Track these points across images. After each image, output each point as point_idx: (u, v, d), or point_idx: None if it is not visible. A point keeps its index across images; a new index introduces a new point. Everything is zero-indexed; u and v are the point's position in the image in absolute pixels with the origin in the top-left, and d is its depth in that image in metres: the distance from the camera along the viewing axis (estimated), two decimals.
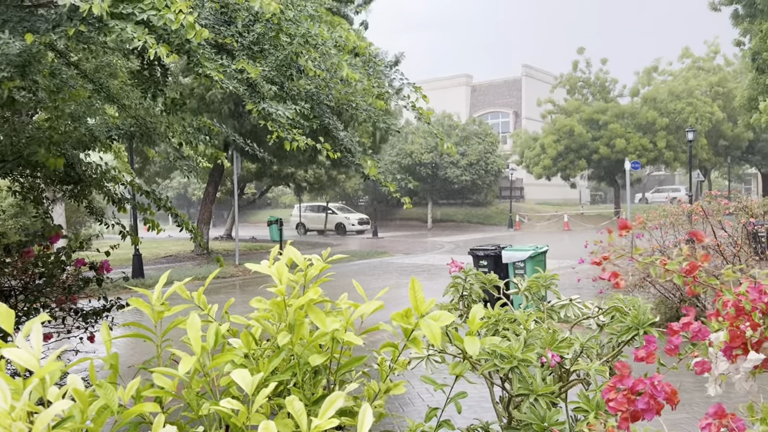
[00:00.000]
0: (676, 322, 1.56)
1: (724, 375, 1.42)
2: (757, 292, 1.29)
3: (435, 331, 1.54)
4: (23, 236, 3.77)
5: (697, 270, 1.38)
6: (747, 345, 1.29)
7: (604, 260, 1.56)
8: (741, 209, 8.08)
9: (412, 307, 1.60)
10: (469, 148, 36.78)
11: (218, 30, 3.28)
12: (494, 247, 10.26)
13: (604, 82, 37.66)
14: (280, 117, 3.33)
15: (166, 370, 1.54)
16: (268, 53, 3.43)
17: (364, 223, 35.12)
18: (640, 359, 1.49)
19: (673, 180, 63.75)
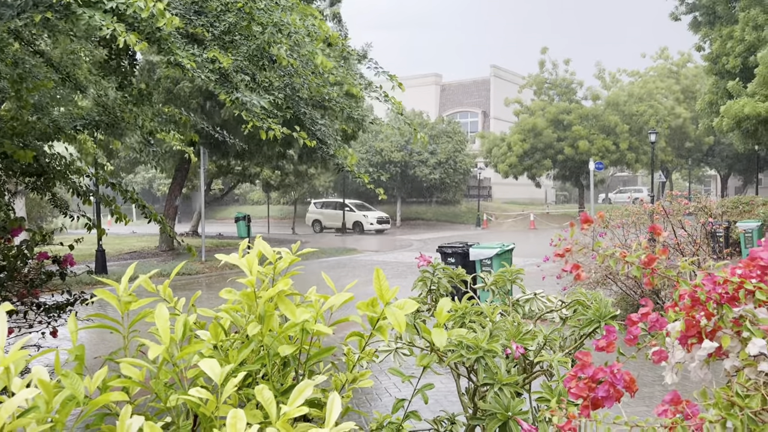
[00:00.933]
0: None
1: (680, 363, 1.48)
2: (711, 283, 1.34)
3: (400, 319, 1.56)
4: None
5: (655, 262, 1.43)
6: (702, 334, 1.35)
7: (567, 252, 1.61)
8: (700, 209, 8.33)
9: (377, 296, 1.62)
10: (438, 147, 37.00)
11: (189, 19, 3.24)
12: (462, 244, 10.36)
13: (570, 83, 38.27)
14: (254, 107, 3.31)
15: (134, 361, 1.53)
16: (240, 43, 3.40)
17: (383, 221, 33.06)
18: (600, 349, 1.54)
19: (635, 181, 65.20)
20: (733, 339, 1.36)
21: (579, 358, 1.50)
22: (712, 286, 1.35)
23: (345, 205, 33.88)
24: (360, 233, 32.46)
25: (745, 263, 1.35)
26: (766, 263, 1.30)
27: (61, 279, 3.87)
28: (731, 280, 1.31)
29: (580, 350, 2.20)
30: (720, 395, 1.23)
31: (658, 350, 1.46)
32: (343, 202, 34.10)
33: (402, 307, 1.69)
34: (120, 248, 21.53)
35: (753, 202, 17.24)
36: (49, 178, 3.72)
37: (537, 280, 10.77)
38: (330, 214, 34.40)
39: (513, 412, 2.01)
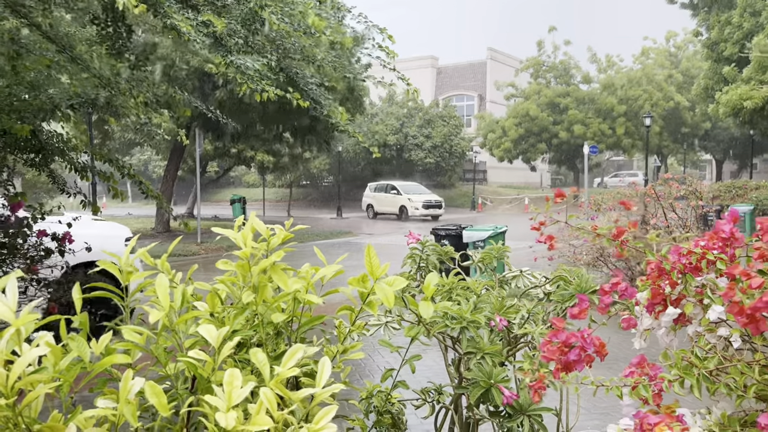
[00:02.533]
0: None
1: (648, 330, 1.58)
2: (676, 254, 1.44)
3: (389, 294, 1.65)
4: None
5: (624, 234, 1.53)
6: (667, 302, 1.44)
7: (542, 225, 1.70)
8: (691, 193, 8.45)
9: (367, 272, 1.71)
10: (434, 131, 36.98)
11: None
12: (455, 227, 10.47)
13: (568, 66, 38.27)
14: (248, 69, 3.37)
15: (135, 327, 1.62)
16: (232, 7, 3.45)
17: (432, 206, 29.40)
18: (573, 316, 1.64)
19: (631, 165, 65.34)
20: (696, 306, 1.46)
21: (554, 323, 1.60)
22: (677, 257, 1.44)
23: (393, 188, 30.68)
24: (405, 219, 29.25)
25: (709, 236, 1.44)
26: (727, 235, 1.39)
27: (60, 256, 3.96)
28: (694, 251, 1.41)
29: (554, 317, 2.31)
30: (680, 357, 1.33)
31: (627, 317, 1.56)
32: (392, 184, 30.97)
33: (391, 284, 1.78)
34: None
35: (746, 186, 17.40)
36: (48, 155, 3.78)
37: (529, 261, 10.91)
38: (381, 198, 31.21)
39: (495, 380, 2.12)
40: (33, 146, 3.70)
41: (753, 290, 1.17)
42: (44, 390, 1.37)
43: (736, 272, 1.23)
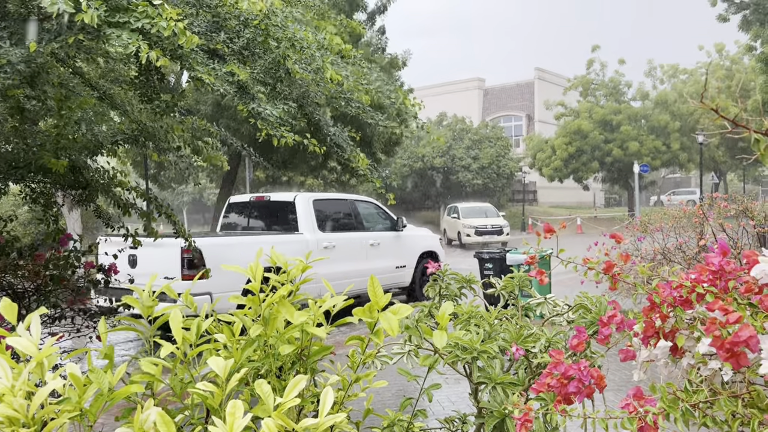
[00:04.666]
0: None
1: (647, 362, 1.58)
2: (667, 287, 1.45)
3: (393, 324, 1.71)
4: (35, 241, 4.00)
5: (612, 269, 1.54)
6: (660, 334, 1.45)
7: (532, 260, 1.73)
8: (742, 212, 8.14)
9: (372, 301, 1.77)
10: (481, 152, 36.85)
11: (210, 36, 3.49)
12: (499, 250, 10.40)
13: (618, 84, 37.60)
14: (268, 116, 3.53)
15: (152, 359, 1.73)
16: (258, 57, 3.62)
17: (487, 232, 26.30)
18: (573, 347, 1.65)
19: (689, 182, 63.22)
20: (690, 339, 1.46)
21: (552, 356, 1.62)
22: (668, 290, 1.45)
23: (455, 210, 27.93)
24: (460, 246, 26.18)
25: (699, 268, 1.45)
26: (717, 268, 1.40)
27: (105, 286, 4.17)
28: (684, 284, 1.41)
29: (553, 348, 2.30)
30: (665, 390, 1.34)
31: (624, 349, 1.57)
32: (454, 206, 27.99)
33: (396, 312, 1.83)
34: None
35: None
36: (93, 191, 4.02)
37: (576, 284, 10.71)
38: (449, 222, 28.67)
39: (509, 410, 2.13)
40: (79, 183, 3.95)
41: (731, 325, 1.17)
42: (64, 419, 1.48)
43: (715, 307, 1.24)
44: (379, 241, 10.54)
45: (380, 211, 11.10)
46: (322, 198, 10.26)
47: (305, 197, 9.73)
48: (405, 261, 10.99)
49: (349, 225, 10.34)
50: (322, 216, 9.81)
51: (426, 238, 11.76)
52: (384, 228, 10.89)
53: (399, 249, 10.96)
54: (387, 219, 11.06)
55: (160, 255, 7.72)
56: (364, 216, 10.70)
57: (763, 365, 1.01)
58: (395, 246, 10.88)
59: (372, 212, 10.95)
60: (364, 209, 10.80)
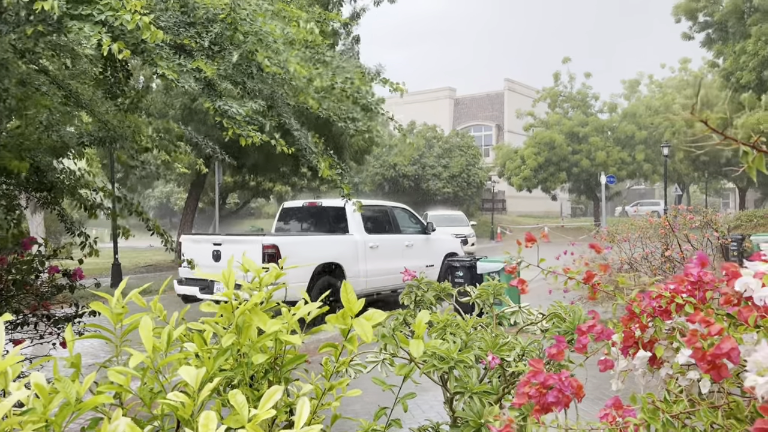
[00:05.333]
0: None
1: (625, 371, 1.59)
2: (646, 297, 1.45)
3: (367, 330, 1.68)
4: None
5: (593, 279, 1.54)
6: (639, 344, 1.45)
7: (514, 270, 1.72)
8: (706, 224, 8.35)
9: (345, 308, 1.74)
10: (452, 161, 37.11)
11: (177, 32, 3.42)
12: (470, 258, 10.46)
13: (585, 96, 38.31)
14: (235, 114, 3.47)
15: (121, 368, 1.66)
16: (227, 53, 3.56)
17: None
18: (552, 356, 1.65)
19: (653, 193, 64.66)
20: (668, 349, 1.46)
21: (532, 365, 1.61)
22: (648, 300, 1.46)
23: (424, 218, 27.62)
24: None
25: (678, 279, 1.46)
26: (695, 279, 1.41)
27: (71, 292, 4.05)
28: (664, 295, 1.42)
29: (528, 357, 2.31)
30: (645, 401, 1.34)
31: (603, 359, 1.57)
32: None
33: (370, 319, 1.80)
34: (137, 262, 21.89)
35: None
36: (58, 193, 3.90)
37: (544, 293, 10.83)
38: None
39: (485, 420, 2.11)
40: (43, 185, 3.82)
41: (713, 337, 1.18)
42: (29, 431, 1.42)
43: (697, 319, 1.24)
44: (413, 243, 11.90)
45: (413, 217, 12.52)
46: (367, 204, 11.07)
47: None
48: (433, 261, 12.30)
49: (388, 228, 11.67)
50: (366, 220, 11.06)
51: (449, 241, 13.36)
52: (416, 231, 12.24)
53: (428, 250, 12.28)
54: (418, 223, 12.46)
55: (242, 250, 8.11)
56: (400, 220, 12.08)
57: (747, 378, 1.02)
58: (425, 247, 12.21)
59: (406, 217, 12.37)
60: (400, 215, 12.21)
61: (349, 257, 10.38)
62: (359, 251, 10.62)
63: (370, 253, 10.80)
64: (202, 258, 9.21)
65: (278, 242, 9.15)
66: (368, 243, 10.80)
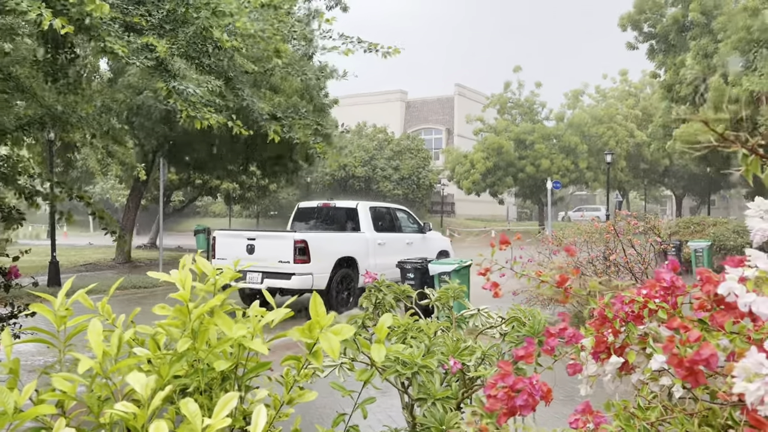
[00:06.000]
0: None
1: (594, 376, 1.57)
2: (619, 302, 1.44)
3: (334, 345, 1.60)
4: None
5: (567, 282, 1.52)
6: (610, 350, 1.44)
7: (486, 272, 1.69)
8: (650, 229, 8.62)
9: (312, 320, 1.66)
10: (402, 163, 37.25)
11: (126, 9, 3.25)
12: (421, 260, 10.47)
13: (533, 104, 39.15)
14: (191, 95, 3.32)
15: (67, 375, 1.54)
16: (180, 30, 3.40)
17: None
18: (519, 358, 1.62)
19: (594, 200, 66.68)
20: (639, 355, 1.45)
21: (501, 366, 1.57)
22: (620, 305, 1.44)
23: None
24: None
25: (650, 284, 1.45)
26: (668, 284, 1.40)
27: (5, 291, 3.80)
28: (636, 300, 1.41)
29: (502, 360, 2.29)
30: (621, 407, 1.32)
31: (572, 363, 1.54)
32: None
33: (338, 333, 1.72)
34: (75, 260, 21.02)
35: (704, 222, 17.85)
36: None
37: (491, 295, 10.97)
38: None
39: (447, 426, 2.07)
40: None
41: (691, 343, 1.17)
42: None
43: (675, 324, 1.23)
44: (412, 241, 13.31)
45: (411, 218, 13.95)
46: (375, 206, 13.14)
47: (364, 205, 12.60)
48: (428, 256, 13.26)
49: (392, 227, 13.10)
50: (375, 219, 12.46)
51: (441, 240, 15.00)
52: (414, 231, 13.68)
53: (425, 247, 13.52)
54: (416, 223, 13.90)
55: (275, 244, 10.48)
56: (402, 221, 13.56)
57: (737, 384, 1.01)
58: (422, 245, 13.52)
59: (406, 218, 13.80)
60: (402, 216, 13.69)
61: (362, 252, 11.64)
62: (369, 247, 11.92)
63: (379, 249, 12.08)
64: (237, 251, 10.60)
65: (307, 238, 10.44)
66: (377, 240, 12.17)
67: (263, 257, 10.35)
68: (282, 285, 10.28)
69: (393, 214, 13.43)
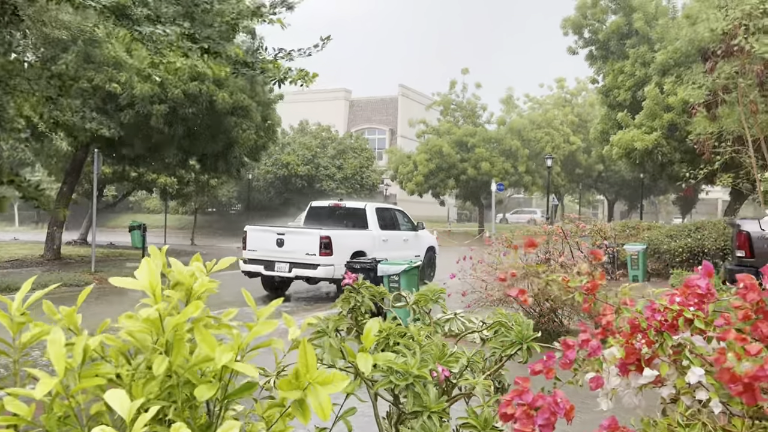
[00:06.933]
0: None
1: (614, 389, 1.47)
2: (650, 310, 1.34)
3: (325, 405, 1.34)
4: None
5: (597, 288, 1.42)
6: (641, 361, 1.33)
7: (513, 277, 1.57)
8: (596, 232, 8.80)
9: (300, 371, 1.43)
10: (346, 162, 37.04)
11: None
12: (370, 260, 10.34)
13: (475, 107, 39.65)
14: (161, 36, 3.04)
15: (22, 391, 1.31)
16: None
17: None
18: (536, 373, 1.50)
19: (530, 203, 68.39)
20: (670, 367, 1.36)
21: (518, 382, 1.45)
22: (651, 313, 1.34)
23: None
24: None
25: (681, 291, 1.35)
26: (703, 291, 1.31)
27: None
28: (671, 308, 1.31)
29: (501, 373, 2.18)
30: (663, 425, 1.22)
31: (595, 377, 1.44)
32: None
33: (329, 382, 1.45)
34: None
35: (639, 226, 18.46)
36: None
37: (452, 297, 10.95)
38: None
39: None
40: None
41: (749, 357, 1.07)
42: None
43: (730, 337, 1.13)
44: (408, 238, 15.07)
45: (406, 217, 15.72)
46: (379, 206, 15.23)
47: (371, 206, 14.58)
48: (419, 251, 15.37)
49: (393, 225, 14.82)
50: (379, 218, 14.19)
51: (430, 237, 16.77)
52: (409, 228, 15.42)
53: (417, 243, 15.41)
54: (409, 222, 15.66)
55: (302, 239, 12.17)
56: (400, 219, 15.32)
57: None
58: (415, 241, 15.36)
59: (403, 217, 15.59)
60: (400, 215, 15.53)
61: (370, 247, 13.24)
62: (376, 242, 13.57)
63: (383, 245, 13.73)
64: (267, 244, 12.35)
65: (331, 234, 12.13)
66: (382, 237, 13.90)
67: (291, 250, 12.12)
68: (309, 274, 12.05)
69: (393, 214, 15.32)
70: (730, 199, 23.97)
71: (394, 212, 15.50)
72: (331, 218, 14.48)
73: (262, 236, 12.66)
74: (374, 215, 14.11)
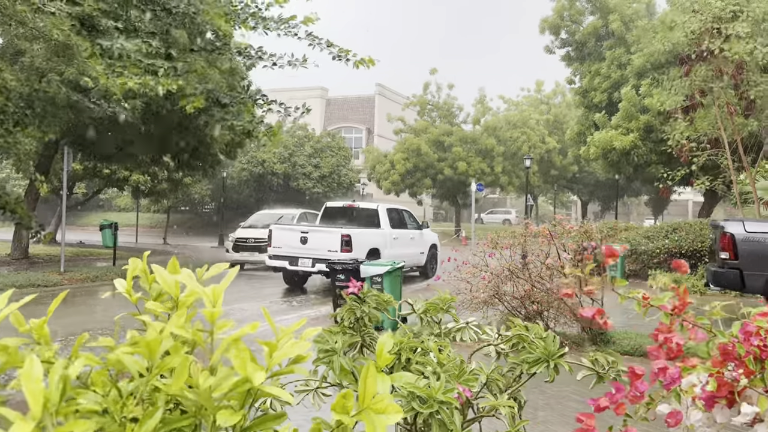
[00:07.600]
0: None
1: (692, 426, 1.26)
2: (743, 334, 1.14)
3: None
4: None
5: (686, 307, 1.21)
6: (734, 394, 1.13)
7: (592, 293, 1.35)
8: (583, 233, 8.67)
9: (360, 394, 1.19)
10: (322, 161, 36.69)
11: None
12: (353, 261, 10.10)
13: (451, 107, 39.63)
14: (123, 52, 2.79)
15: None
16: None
17: None
18: (601, 409, 1.29)
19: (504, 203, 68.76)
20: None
21: (581, 420, 1.23)
22: (744, 337, 1.14)
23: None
24: None
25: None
26: None
27: None
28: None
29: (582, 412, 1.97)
30: None
31: (673, 412, 1.23)
32: None
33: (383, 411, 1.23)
34: None
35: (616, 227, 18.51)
36: None
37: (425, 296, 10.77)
38: None
39: None
40: None
41: None
42: None
43: None
44: (414, 236, 16.36)
45: (412, 217, 17.13)
46: (390, 207, 16.29)
47: (383, 207, 15.89)
48: (423, 249, 16.83)
49: (401, 224, 16.06)
50: (390, 218, 15.43)
51: (433, 235, 17.81)
52: (414, 227, 16.74)
53: (422, 241, 16.77)
54: (415, 221, 17.03)
55: (325, 237, 13.29)
56: (407, 219, 16.60)
57: None
58: (420, 239, 16.68)
59: (410, 217, 16.89)
60: (407, 215, 16.78)
61: (383, 244, 14.53)
62: (387, 240, 14.79)
63: (394, 242, 14.99)
64: (292, 241, 13.45)
65: (351, 233, 13.32)
66: (393, 235, 15.14)
67: (314, 247, 13.18)
68: None
69: (401, 214, 16.50)
70: (704, 200, 24.25)
71: (402, 212, 16.71)
72: (345, 218, 15.49)
73: (287, 234, 13.69)
74: (386, 215, 15.36)
